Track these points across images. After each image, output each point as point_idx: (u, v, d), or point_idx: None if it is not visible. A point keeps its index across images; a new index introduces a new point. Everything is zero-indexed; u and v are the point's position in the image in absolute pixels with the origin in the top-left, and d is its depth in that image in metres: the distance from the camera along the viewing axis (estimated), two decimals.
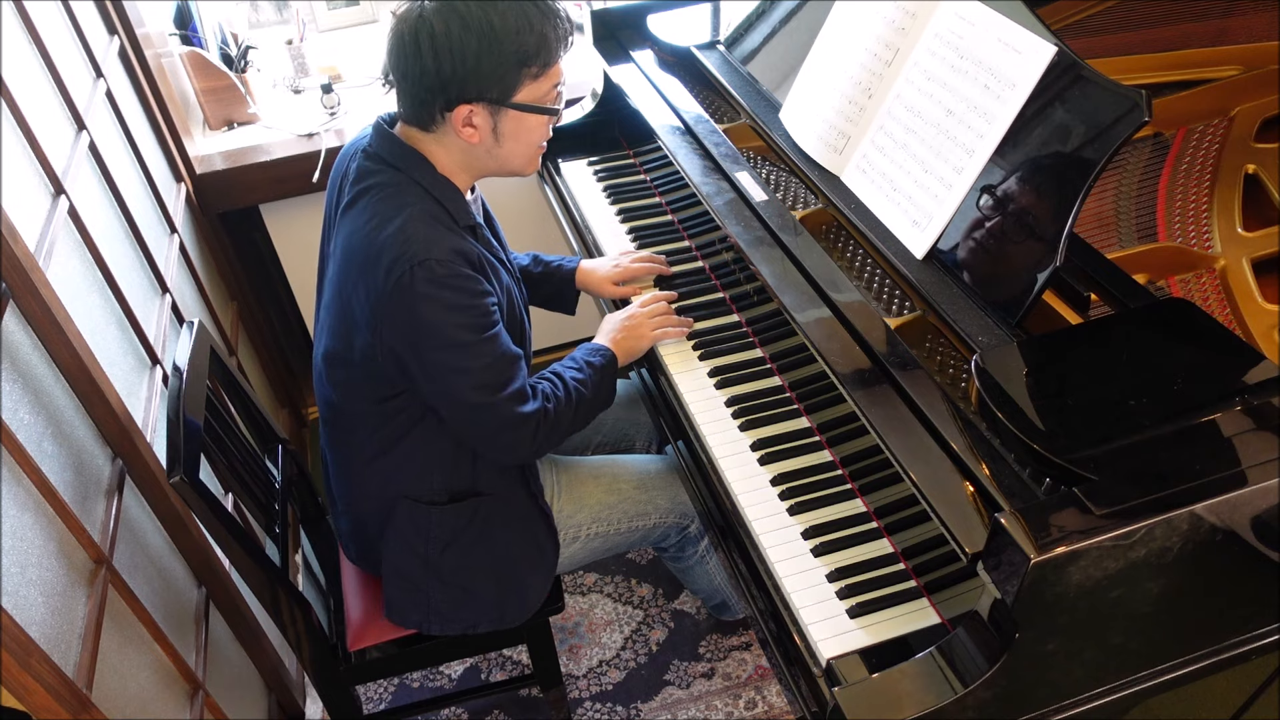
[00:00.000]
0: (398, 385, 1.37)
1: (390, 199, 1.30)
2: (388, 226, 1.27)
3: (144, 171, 1.86)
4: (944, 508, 1.05)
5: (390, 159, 1.33)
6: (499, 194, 2.32)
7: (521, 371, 1.37)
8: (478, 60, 1.22)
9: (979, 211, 1.25)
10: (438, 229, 1.28)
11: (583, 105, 2.11)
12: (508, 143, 1.32)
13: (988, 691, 0.99)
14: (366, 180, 1.33)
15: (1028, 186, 1.20)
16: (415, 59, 1.24)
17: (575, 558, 1.62)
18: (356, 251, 1.30)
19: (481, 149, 1.33)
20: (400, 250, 1.24)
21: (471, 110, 1.27)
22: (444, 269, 1.25)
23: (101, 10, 1.87)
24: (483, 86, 1.25)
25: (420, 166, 1.32)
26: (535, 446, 1.39)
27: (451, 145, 1.33)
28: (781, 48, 1.71)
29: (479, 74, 1.24)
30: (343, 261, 1.33)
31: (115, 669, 1.21)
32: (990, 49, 1.26)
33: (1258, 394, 1.04)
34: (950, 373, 1.21)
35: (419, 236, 1.25)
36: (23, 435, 1.13)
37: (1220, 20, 1.62)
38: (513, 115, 1.29)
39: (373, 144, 1.35)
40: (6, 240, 1.15)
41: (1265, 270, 1.37)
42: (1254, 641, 1.11)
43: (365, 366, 1.36)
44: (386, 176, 1.32)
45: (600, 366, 1.49)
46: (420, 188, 1.32)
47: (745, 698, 1.96)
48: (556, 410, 1.40)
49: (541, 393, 1.40)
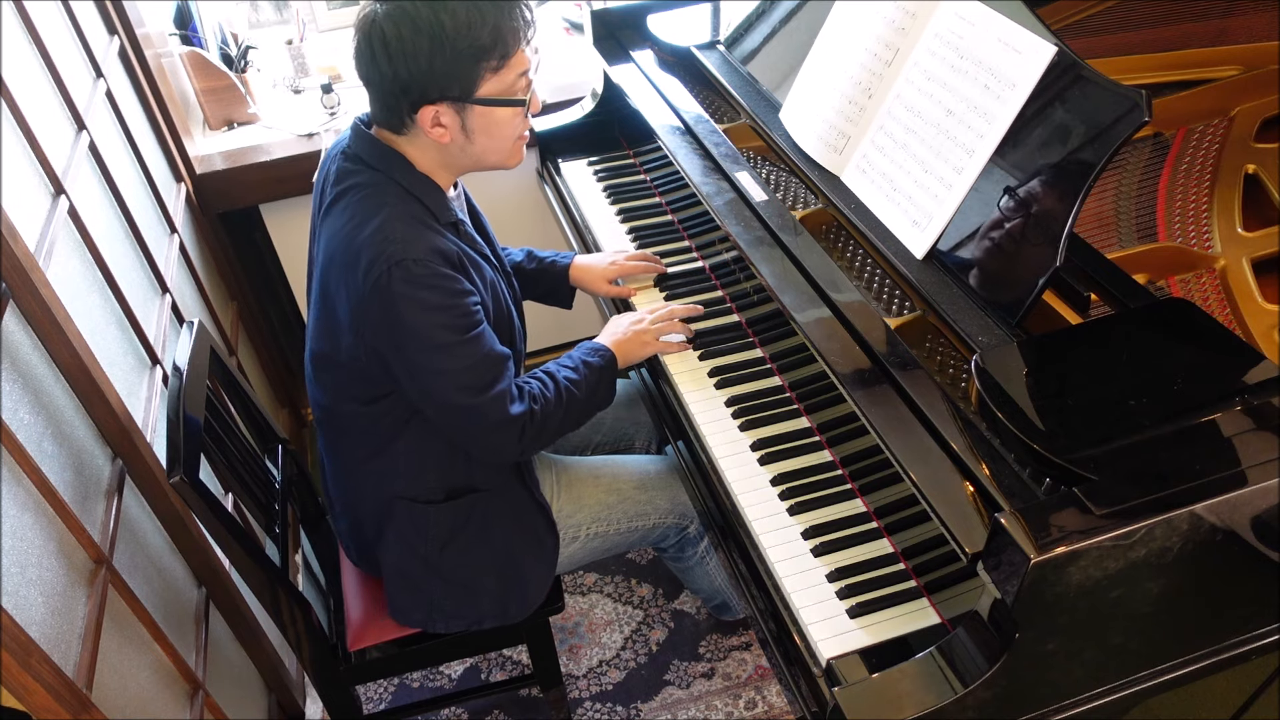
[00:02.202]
0: (385, 386, 1.37)
1: (369, 199, 1.30)
2: (366, 227, 1.27)
3: (144, 171, 1.86)
4: (944, 508, 1.05)
5: (369, 159, 1.32)
6: (499, 193, 2.32)
7: (508, 372, 1.35)
8: (431, 61, 1.21)
9: (979, 211, 1.25)
10: (417, 228, 1.28)
11: (583, 105, 2.11)
12: (480, 139, 1.31)
13: (988, 691, 0.99)
14: (346, 181, 1.32)
15: (1028, 186, 1.20)
16: (373, 64, 1.23)
17: (575, 557, 1.62)
18: (337, 253, 1.30)
19: (454, 147, 1.32)
20: (378, 251, 1.24)
21: (437, 110, 1.26)
22: (421, 269, 1.24)
23: (101, 10, 1.87)
24: (443, 86, 1.24)
25: (398, 165, 1.32)
26: (522, 447, 1.38)
27: (425, 145, 1.32)
28: (781, 48, 1.71)
29: (435, 74, 1.22)
30: (325, 263, 1.33)
31: (115, 669, 1.21)
32: (990, 49, 1.26)
33: (1258, 394, 1.04)
34: (950, 373, 1.21)
35: (396, 236, 1.25)
36: (23, 435, 1.13)
37: (1220, 20, 1.62)
38: (479, 111, 1.28)
39: (351, 145, 1.35)
40: (6, 240, 1.15)
41: (1265, 270, 1.36)
42: (1254, 641, 1.11)
43: (351, 368, 1.36)
44: (365, 177, 1.32)
45: (599, 367, 1.48)
46: (399, 187, 1.31)
47: (745, 698, 1.96)
48: (544, 411, 1.39)
49: (529, 393, 1.39)
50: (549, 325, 2.57)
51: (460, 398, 1.31)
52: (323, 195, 1.38)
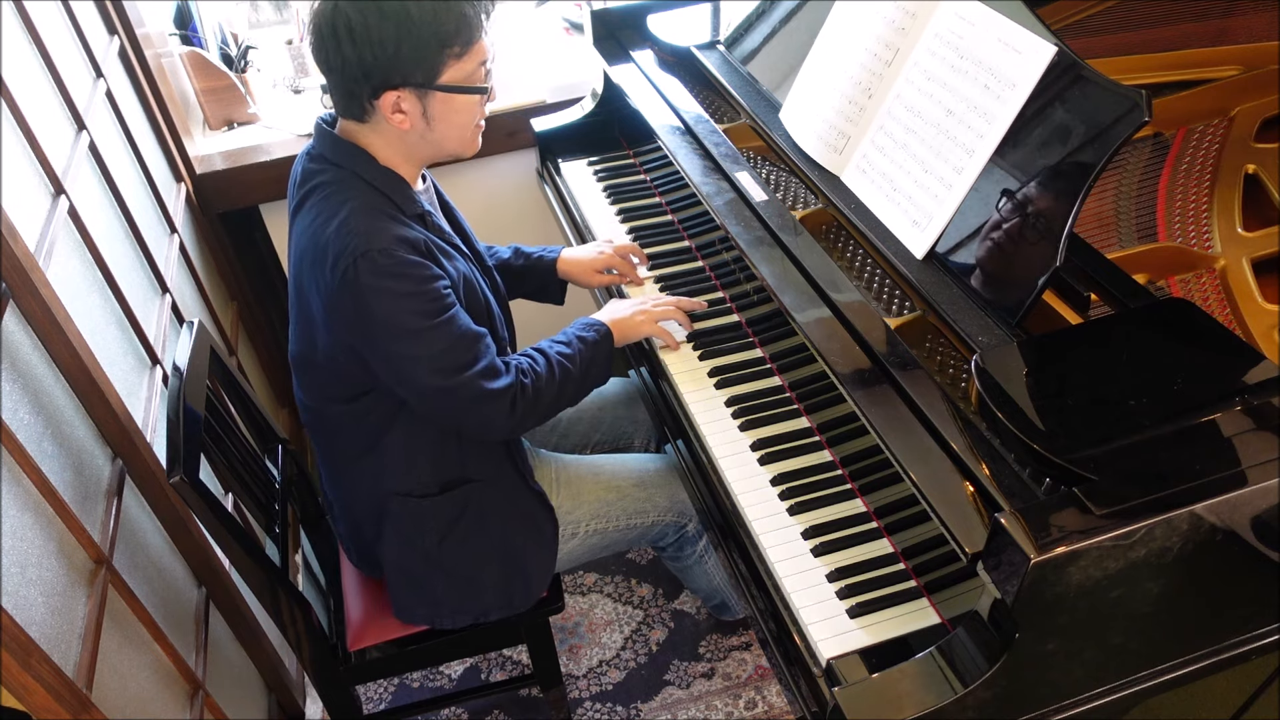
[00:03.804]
0: (365, 383, 1.37)
1: (333, 196, 1.30)
2: (331, 223, 1.27)
3: (144, 171, 1.86)
4: (944, 508, 1.05)
5: (332, 157, 1.33)
6: (499, 193, 2.32)
7: (486, 349, 1.35)
8: (397, 45, 1.22)
9: (979, 211, 1.25)
10: (380, 219, 1.28)
11: (583, 105, 2.11)
12: (439, 125, 1.32)
13: (988, 691, 0.99)
14: (311, 181, 1.33)
15: (1028, 186, 1.20)
16: (336, 52, 1.24)
17: (574, 554, 1.62)
18: (306, 251, 1.30)
19: (415, 134, 1.32)
20: (343, 245, 1.25)
21: (399, 96, 1.27)
22: (386, 258, 1.25)
23: (101, 10, 1.87)
24: (406, 71, 1.25)
25: (360, 160, 1.32)
26: (514, 421, 1.38)
27: (388, 134, 1.32)
28: (781, 48, 1.71)
29: (399, 59, 1.23)
30: (296, 263, 1.34)
31: (115, 669, 1.21)
32: (990, 49, 1.26)
33: (1258, 394, 1.04)
34: (950, 373, 1.21)
35: (360, 229, 1.25)
36: (23, 435, 1.13)
37: (1220, 20, 1.62)
38: (440, 97, 1.29)
39: (315, 145, 1.36)
40: (6, 240, 1.15)
41: (1265, 270, 1.36)
42: (1254, 641, 1.11)
43: (330, 368, 1.37)
44: (330, 175, 1.32)
45: (593, 342, 1.48)
46: (362, 181, 1.31)
47: (745, 698, 1.96)
48: (535, 385, 1.39)
49: (517, 367, 1.39)
50: (551, 324, 2.56)
51: (438, 379, 1.31)
52: (292, 199, 1.39)
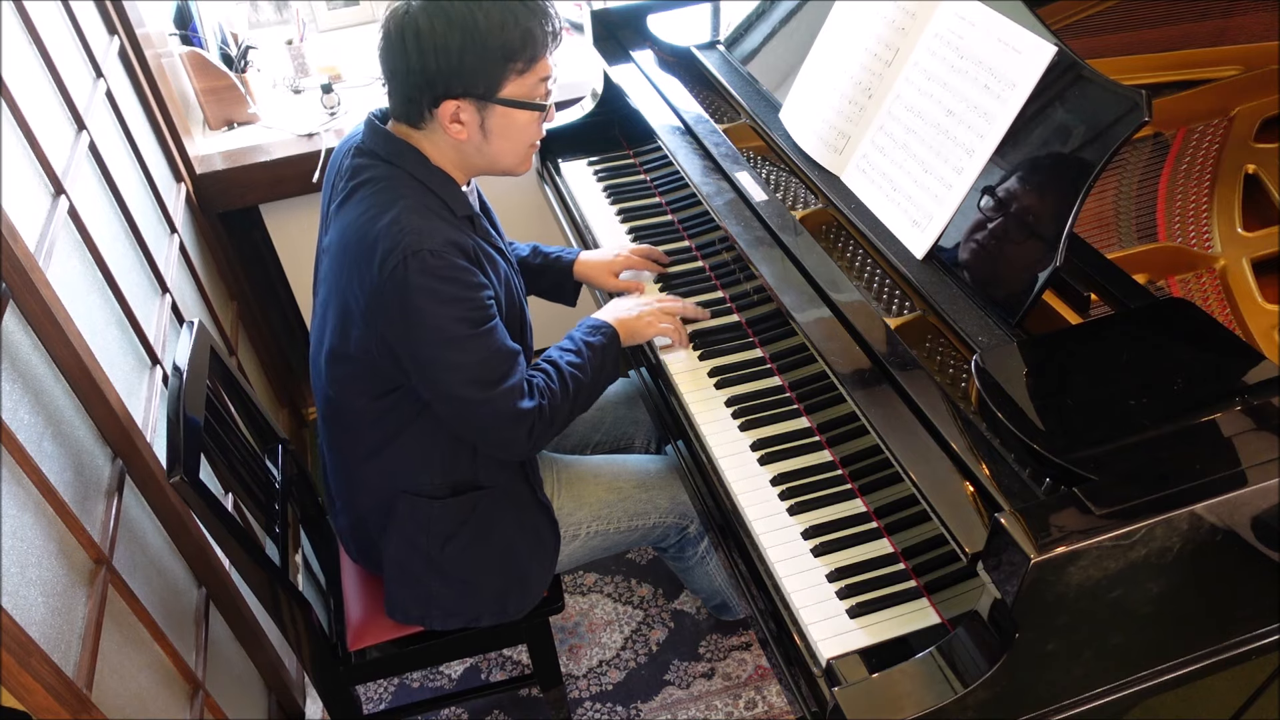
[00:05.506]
0: (395, 380, 1.37)
1: (385, 191, 1.30)
2: (382, 218, 1.27)
3: (144, 171, 1.86)
4: (944, 508, 1.05)
5: (383, 154, 1.33)
6: (499, 193, 2.32)
7: (519, 367, 1.36)
8: (462, 56, 1.23)
9: (979, 212, 1.25)
10: (433, 220, 1.28)
11: (583, 105, 2.11)
12: (496, 140, 1.32)
13: (988, 691, 0.99)
14: (361, 175, 1.33)
15: (1028, 186, 1.20)
16: (402, 56, 1.24)
17: (575, 556, 1.62)
18: (351, 244, 1.30)
19: (470, 146, 1.32)
20: (394, 241, 1.24)
21: (458, 106, 1.27)
22: (438, 260, 1.25)
23: (101, 10, 1.87)
24: (468, 82, 1.25)
25: (413, 159, 1.32)
26: (531, 443, 1.39)
27: (442, 143, 1.33)
28: (781, 48, 1.71)
29: (463, 69, 1.24)
30: (338, 255, 1.33)
31: (115, 669, 1.21)
32: (990, 49, 1.26)
33: (1258, 394, 1.04)
34: (950, 373, 1.21)
35: (413, 227, 1.25)
36: (23, 435, 1.13)
37: (1220, 20, 1.62)
38: (500, 111, 1.29)
39: (365, 140, 1.35)
40: (6, 240, 1.15)
41: (1265, 270, 1.36)
42: (1254, 641, 1.11)
43: (363, 361, 1.36)
44: (381, 170, 1.32)
45: (601, 347, 1.48)
46: (415, 180, 1.32)
47: (745, 698, 1.96)
48: (553, 405, 1.39)
49: (538, 388, 1.39)
50: (550, 323, 2.56)
51: (470, 391, 1.31)
52: (334, 190, 1.38)
